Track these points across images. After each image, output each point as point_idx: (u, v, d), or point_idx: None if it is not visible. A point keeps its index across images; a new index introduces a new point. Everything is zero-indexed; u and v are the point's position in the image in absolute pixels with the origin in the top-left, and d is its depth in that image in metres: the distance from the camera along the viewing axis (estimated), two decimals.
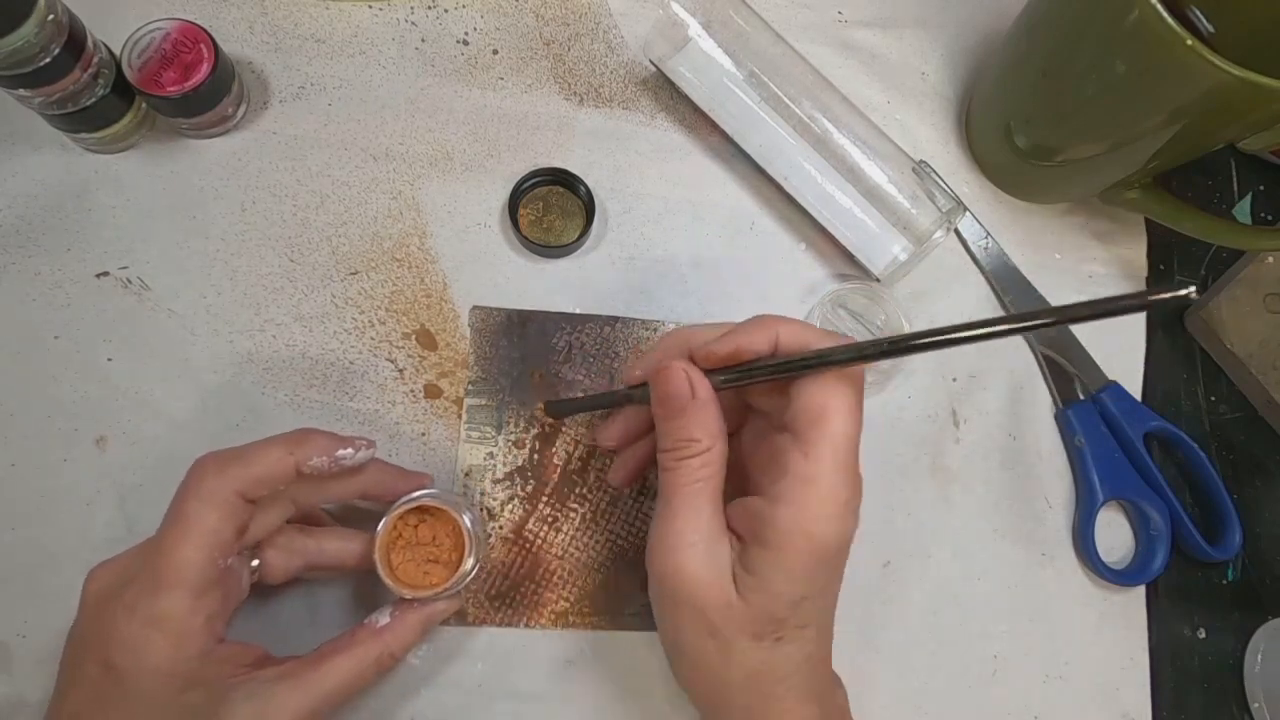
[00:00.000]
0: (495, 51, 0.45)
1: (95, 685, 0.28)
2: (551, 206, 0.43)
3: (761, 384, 0.31)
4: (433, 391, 0.40)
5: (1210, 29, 0.42)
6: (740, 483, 0.32)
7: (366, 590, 0.37)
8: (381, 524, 0.33)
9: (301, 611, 0.37)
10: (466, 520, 0.34)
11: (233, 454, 0.30)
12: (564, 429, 0.40)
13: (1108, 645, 0.42)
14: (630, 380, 0.34)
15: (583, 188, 0.42)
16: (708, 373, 0.31)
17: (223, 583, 0.30)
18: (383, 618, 0.33)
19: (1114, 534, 0.44)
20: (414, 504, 0.33)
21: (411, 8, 0.45)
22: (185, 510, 0.29)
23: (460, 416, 0.40)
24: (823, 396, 0.28)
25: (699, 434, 0.30)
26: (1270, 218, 0.50)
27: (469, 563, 0.33)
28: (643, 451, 0.36)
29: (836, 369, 0.29)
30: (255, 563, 0.32)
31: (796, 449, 0.28)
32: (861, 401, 0.29)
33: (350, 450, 0.32)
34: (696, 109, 0.44)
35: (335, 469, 0.32)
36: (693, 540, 0.29)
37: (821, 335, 0.30)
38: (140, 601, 0.28)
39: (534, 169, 0.42)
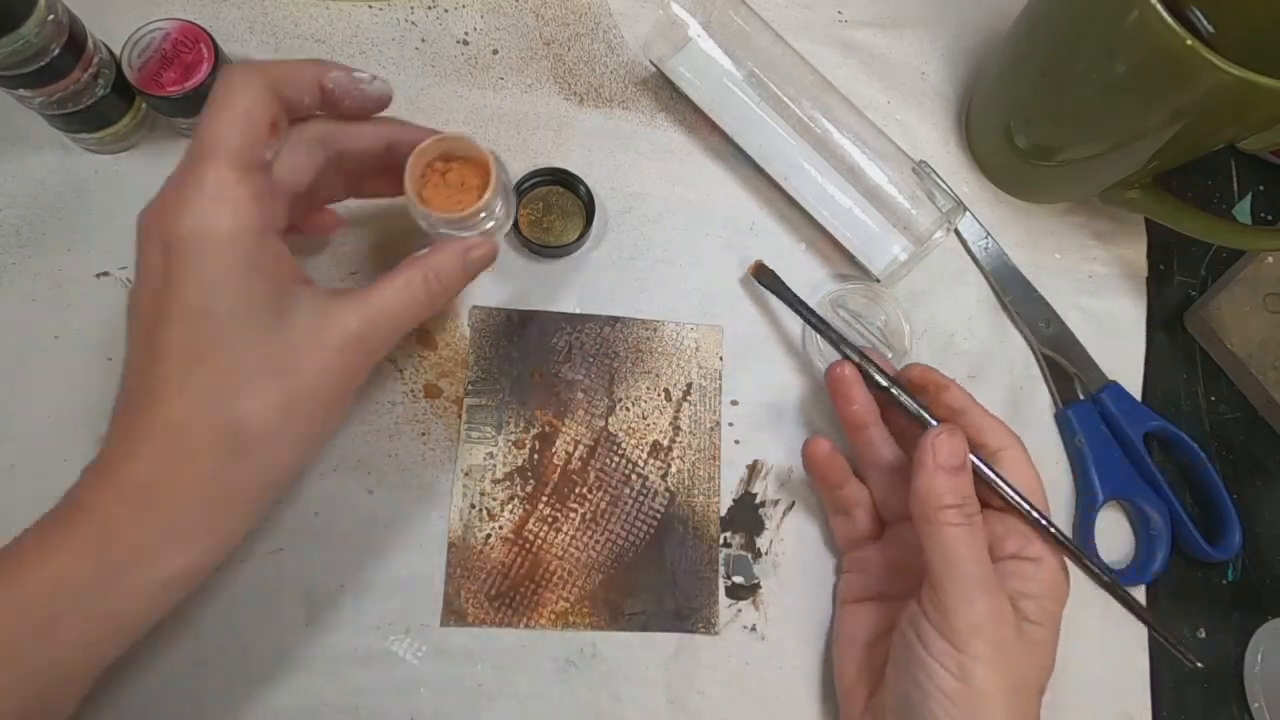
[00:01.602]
0: (495, 51, 0.45)
1: (158, 274, 0.28)
2: (552, 206, 0.43)
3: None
4: (433, 391, 0.40)
5: (1210, 29, 0.42)
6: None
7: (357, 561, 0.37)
8: (411, 155, 0.33)
9: (299, 611, 0.37)
10: (494, 157, 0.34)
11: (258, 61, 0.31)
12: (563, 429, 0.40)
13: (1108, 645, 0.42)
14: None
15: (583, 188, 0.42)
16: None
17: (266, 179, 0.30)
18: (422, 250, 0.33)
19: (1114, 534, 0.44)
20: (445, 140, 0.34)
21: (411, 8, 0.45)
22: (217, 95, 0.29)
23: (460, 416, 0.40)
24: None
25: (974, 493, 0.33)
26: (1270, 218, 0.50)
27: (489, 193, 0.33)
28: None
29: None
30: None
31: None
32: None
33: (367, 74, 0.33)
34: (696, 109, 0.44)
35: (354, 90, 0.32)
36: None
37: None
38: (186, 176, 0.28)
39: (534, 169, 0.42)
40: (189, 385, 0.27)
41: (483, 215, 0.34)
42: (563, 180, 0.43)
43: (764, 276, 0.40)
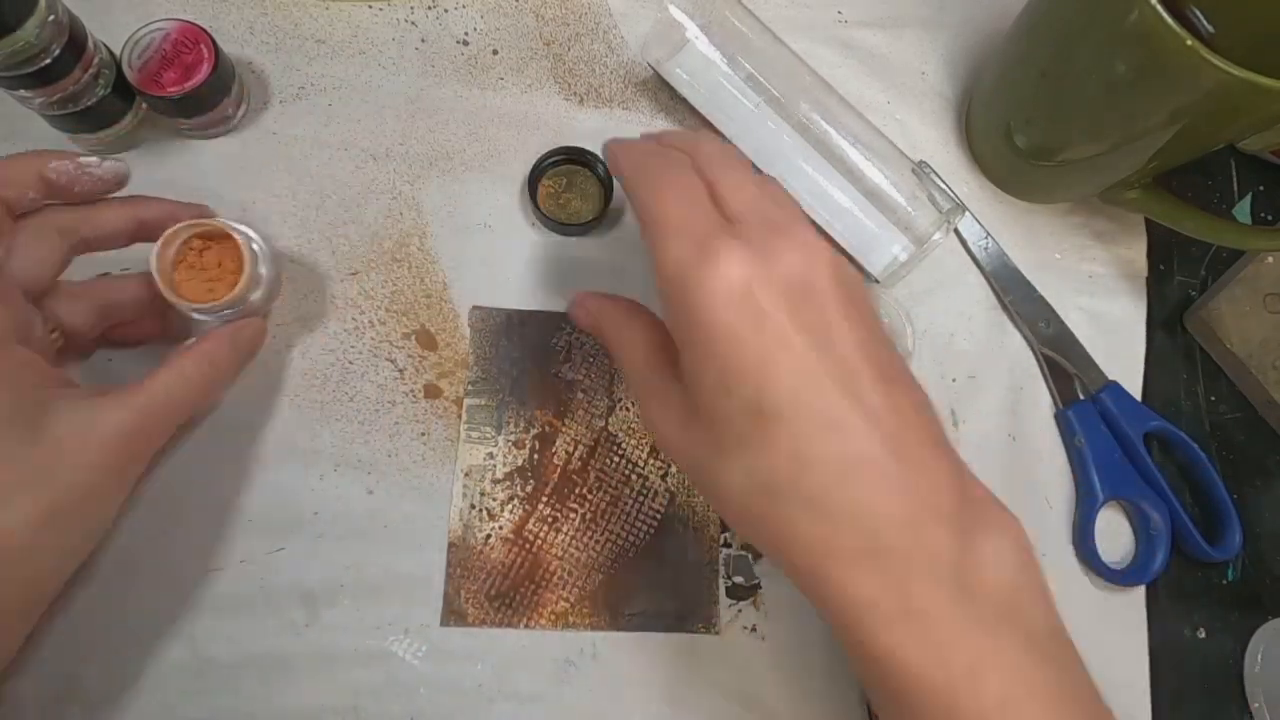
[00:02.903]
0: (495, 51, 0.45)
1: None
2: (573, 184, 0.43)
3: None
4: (432, 391, 0.40)
5: (1210, 29, 0.42)
6: None
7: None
8: (159, 241, 0.33)
9: (299, 611, 0.37)
10: (249, 241, 0.34)
11: None
12: (563, 429, 0.40)
13: (1108, 646, 0.41)
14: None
15: (601, 167, 0.43)
16: None
17: (5, 297, 0.29)
18: (190, 341, 0.34)
19: (1114, 534, 0.44)
20: (193, 226, 0.33)
21: (411, 8, 0.45)
22: None
23: (460, 416, 0.40)
24: None
25: None
26: (1270, 218, 0.50)
27: (245, 277, 0.33)
28: None
29: None
30: (55, 334, 0.32)
31: None
32: None
33: (96, 159, 0.32)
34: (696, 110, 0.44)
35: (82, 175, 0.31)
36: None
37: None
38: None
39: (554, 147, 0.43)
40: None
41: (243, 298, 0.34)
42: (580, 159, 0.43)
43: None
